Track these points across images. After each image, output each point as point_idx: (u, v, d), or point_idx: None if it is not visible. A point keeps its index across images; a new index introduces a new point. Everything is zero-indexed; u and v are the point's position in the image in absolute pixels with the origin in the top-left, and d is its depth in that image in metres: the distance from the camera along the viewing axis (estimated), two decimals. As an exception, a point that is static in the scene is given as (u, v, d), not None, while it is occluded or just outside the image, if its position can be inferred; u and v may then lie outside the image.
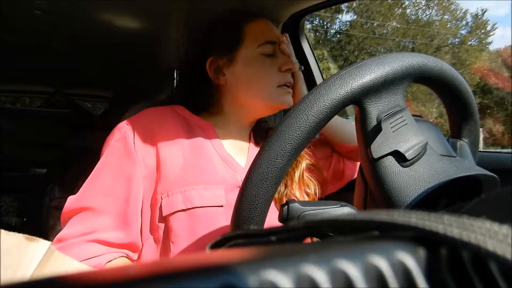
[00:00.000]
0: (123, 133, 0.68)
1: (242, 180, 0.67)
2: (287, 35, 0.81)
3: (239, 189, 0.67)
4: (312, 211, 0.42)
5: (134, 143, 0.67)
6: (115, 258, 0.63)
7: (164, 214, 0.65)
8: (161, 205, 0.66)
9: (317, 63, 1.25)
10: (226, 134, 0.76)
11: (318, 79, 1.23)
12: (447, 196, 0.41)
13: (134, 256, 0.67)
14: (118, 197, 0.64)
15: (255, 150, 0.75)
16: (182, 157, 0.68)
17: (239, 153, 0.75)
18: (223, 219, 0.65)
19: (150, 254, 0.67)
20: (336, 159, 0.88)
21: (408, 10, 21.63)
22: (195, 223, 0.64)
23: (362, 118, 0.43)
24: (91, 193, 0.65)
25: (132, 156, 0.66)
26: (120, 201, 0.64)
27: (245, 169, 0.71)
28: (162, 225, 0.66)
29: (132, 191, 0.65)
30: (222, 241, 0.23)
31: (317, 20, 21.02)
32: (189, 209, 0.64)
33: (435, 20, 21.72)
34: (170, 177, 0.66)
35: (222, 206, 0.66)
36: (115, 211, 0.64)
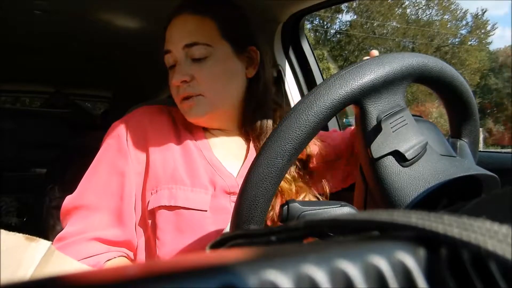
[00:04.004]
0: (117, 130, 0.70)
1: (230, 186, 0.68)
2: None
3: (226, 194, 0.68)
4: (312, 211, 0.42)
5: (126, 140, 0.69)
6: (114, 257, 0.64)
7: (149, 208, 0.66)
8: (149, 200, 0.66)
9: (317, 63, 1.25)
10: (215, 138, 0.75)
11: (318, 79, 1.23)
12: (447, 196, 0.41)
13: (132, 254, 0.68)
14: (112, 193, 0.66)
15: (252, 158, 0.74)
16: (172, 156, 0.68)
17: (232, 159, 0.73)
18: (209, 222, 0.65)
19: (144, 253, 0.68)
20: (345, 162, 0.85)
21: (408, 10, 21.65)
22: (180, 221, 0.65)
23: (362, 118, 0.43)
24: (87, 190, 0.66)
25: (124, 153, 0.68)
26: (115, 198, 0.65)
27: (235, 176, 0.70)
28: (150, 222, 0.67)
29: (125, 187, 0.66)
30: (222, 241, 0.23)
31: (317, 20, 21.04)
32: (172, 206, 0.65)
33: (435, 20, 21.73)
34: (159, 175, 0.67)
35: (206, 211, 0.65)
36: (110, 207, 0.65)
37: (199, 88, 0.69)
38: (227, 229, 0.64)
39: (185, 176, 0.67)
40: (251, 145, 0.76)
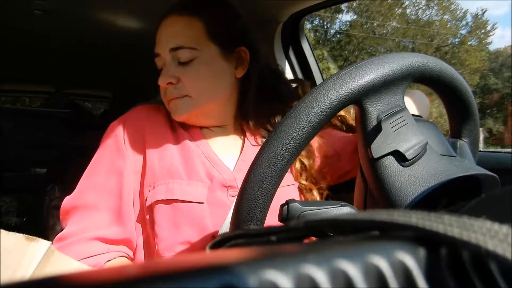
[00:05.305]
0: (114, 130, 0.71)
1: (228, 180, 0.68)
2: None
3: (224, 188, 0.68)
4: (312, 211, 0.42)
5: (124, 139, 0.69)
6: (115, 258, 0.64)
7: (147, 204, 0.66)
8: (147, 197, 0.67)
9: (317, 63, 1.25)
10: (212, 134, 0.75)
11: (318, 79, 1.23)
12: (447, 196, 0.41)
13: (132, 253, 0.68)
14: (111, 192, 0.66)
15: (248, 152, 0.74)
16: (169, 153, 0.69)
17: (229, 154, 0.74)
18: (206, 216, 0.66)
19: (143, 251, 0.69)
20: (337, 159, 0.86)
21: (408, 10, 21.65)
22: (177, 215, 0.65)
23: (362, 118, 0.43)
24: (86, 190, 0.67)
25: (122, 152, 0.68)
26: (114, 196, 0.66)
27: (232, 170, 0.71)
28: (148, 218, 0.68)
29: (124, 185, 0.67)
30: (222, 241, 0.23)
31: (317, 20, 21.04)
32: (169, 200, 0.65)
33: (435, 20, 21.73)
34: (156, 172, 0.68)
35: (202, 203, 0.66)
36: (110, 206, 0.65)
37: (185, 90, 0.69)
38: (225, 225, 0.65)
39: (181, 171, 0.68)
40: (247, 140, 0.76)
